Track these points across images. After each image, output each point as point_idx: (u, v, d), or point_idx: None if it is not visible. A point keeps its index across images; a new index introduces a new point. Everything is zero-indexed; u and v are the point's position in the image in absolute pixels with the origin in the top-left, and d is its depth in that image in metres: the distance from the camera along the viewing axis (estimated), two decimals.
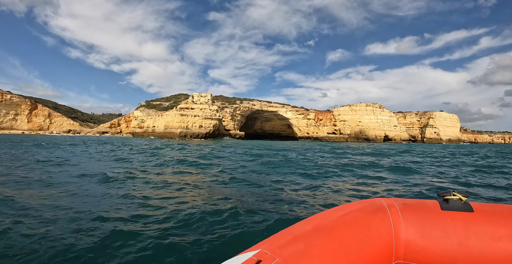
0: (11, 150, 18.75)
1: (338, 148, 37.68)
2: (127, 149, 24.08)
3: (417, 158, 20.68)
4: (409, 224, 1.32)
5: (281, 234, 1.30)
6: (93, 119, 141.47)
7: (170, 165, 12.61)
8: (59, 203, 5.41)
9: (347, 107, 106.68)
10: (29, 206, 5.12)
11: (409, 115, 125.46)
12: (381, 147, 45.47)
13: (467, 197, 1.37)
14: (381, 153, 26.66)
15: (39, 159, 13.43)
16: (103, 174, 8.93)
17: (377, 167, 13.39)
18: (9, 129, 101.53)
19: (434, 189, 7.83)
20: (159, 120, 65.74)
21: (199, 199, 6.08)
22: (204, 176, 9.73)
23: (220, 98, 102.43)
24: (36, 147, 23.42)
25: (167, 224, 4.36)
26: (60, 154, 17.18)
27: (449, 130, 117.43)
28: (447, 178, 10.32)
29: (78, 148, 23.75)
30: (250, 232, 4.08)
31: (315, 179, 9.52)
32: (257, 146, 38.22)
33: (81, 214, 4.73)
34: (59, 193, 6.38)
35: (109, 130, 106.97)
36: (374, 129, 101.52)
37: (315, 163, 15.05)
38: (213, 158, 16.95)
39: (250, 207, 5.47)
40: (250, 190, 7.38)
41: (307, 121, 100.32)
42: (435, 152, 32.98)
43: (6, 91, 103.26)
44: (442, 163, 16.98)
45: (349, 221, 1.33)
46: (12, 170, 9.91)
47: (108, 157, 16.11)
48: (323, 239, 1.20)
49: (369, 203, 1.49)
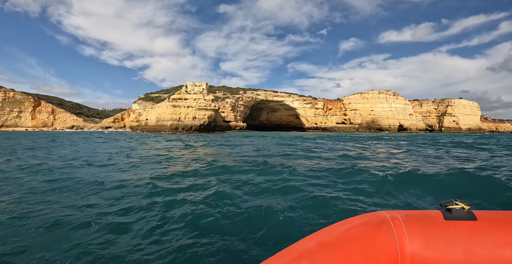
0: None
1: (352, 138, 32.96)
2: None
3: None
4: (414, 236, 1.30)
5: (286, 252, 1.29)
6: (99, 115, 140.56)
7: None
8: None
9: (358, 95, 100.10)
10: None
11: (426, 103, 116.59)
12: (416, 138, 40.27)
13: (470, 206, 1.35)
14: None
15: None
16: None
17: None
18: (14, 126, 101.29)
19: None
20: (151, 113, 61.70)
21: None
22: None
23: (223, 89, 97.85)
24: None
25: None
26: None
27: (469, 118, 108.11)
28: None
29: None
30: None
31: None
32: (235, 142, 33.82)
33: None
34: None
35: (113, 125, 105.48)
36: (388, 118, 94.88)
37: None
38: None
39: None
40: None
41: (315, 111, 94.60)
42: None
43: (9, 89, 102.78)
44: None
45: (354, 235, 1.32)
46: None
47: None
48: (328, 256, 1.20)
49: (372, 216, 1.45)
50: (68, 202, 5.50)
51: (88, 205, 5.31)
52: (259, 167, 9.58)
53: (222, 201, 5.44)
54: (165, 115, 58.72)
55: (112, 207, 5.18)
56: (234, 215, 4.71)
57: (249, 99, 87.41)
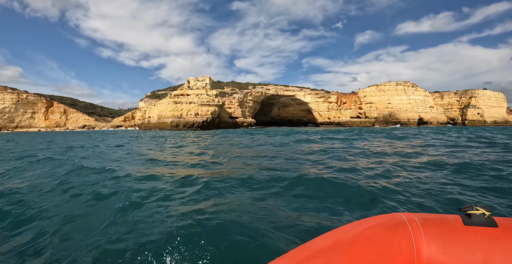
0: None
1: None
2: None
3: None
4: (431, 240, 1.27)
5: (301, 249, 1.27)
6: (112, 114, 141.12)
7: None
8: None
9: (374, 87, 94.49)
10: None
11: (447, 95, 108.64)
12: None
13: (491, 212, 1.31)
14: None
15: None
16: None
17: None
18: (28, 127, 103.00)
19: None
20: (153, 110, 59.62)
21: None
22: None
23: (231, 84, 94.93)
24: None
25: None
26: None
27: (494, 110, 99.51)
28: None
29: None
30: None
31: None
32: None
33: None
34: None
35: (123, 124, 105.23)
36: (406, 111, 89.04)
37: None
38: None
39: None
40: None
41: (328, 105, 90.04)
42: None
43: (22, 91, 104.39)
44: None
45: (369, 236, 1.29)
46: None
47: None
48: (343, 255, 1.19)
49: (389, 218, 1.42)
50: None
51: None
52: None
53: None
54: (167, 112, 56.64)
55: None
56: None
57: (258, 94, 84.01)
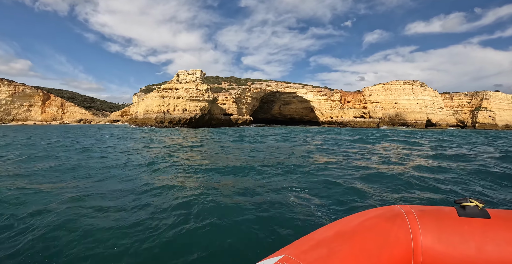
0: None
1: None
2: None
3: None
4: (427, 230, 1.35)
5: (305, 239, 1.33)
6: (112, 108, 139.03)
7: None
8: None
9: (380, 85, 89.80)
10: None
11: (457, 96, 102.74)
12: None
13: (484, 204, 1.38)
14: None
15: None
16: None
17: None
18: (24, 120, 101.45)
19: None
20: (141, 105, 56.33)
21: None
22: None
23: (230, 80, 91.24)
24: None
25: None
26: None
27: (506, 113, 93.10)
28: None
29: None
30: None
31: None
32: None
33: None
34: None
35: (121, 118, 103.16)
36: (414, 112, 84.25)
37: None
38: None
39: None
40: None
41: (330, 103, 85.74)
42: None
43: (20, 83, 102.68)
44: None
45: (369, 227, 1.36)
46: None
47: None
48: (345, 245, 1.24)
49: (387, 209, 1.50)
50: None
51: None
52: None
53: None
54: (153, 107, 53.46)
55: None
56: None
57: (257, 90, 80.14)
